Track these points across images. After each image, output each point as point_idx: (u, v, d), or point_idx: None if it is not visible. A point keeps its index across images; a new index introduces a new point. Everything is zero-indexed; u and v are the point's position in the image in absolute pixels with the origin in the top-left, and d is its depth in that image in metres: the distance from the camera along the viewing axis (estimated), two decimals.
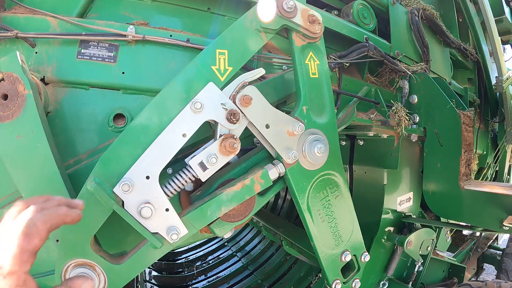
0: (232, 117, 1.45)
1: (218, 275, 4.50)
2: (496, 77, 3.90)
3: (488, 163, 4.25)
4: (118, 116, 1.72)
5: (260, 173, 1.57)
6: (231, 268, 4.56)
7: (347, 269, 2.05)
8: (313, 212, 1.78)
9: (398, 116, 2.48)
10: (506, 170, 4.64)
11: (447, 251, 4.11)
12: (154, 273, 4.44)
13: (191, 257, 5.02)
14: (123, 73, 1.74)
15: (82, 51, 1.72)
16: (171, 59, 1.80)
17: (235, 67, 1.54)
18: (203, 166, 1.45)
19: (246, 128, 1.56)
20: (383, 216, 2.77)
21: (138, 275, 3.90)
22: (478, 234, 4.88)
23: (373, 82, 2.67)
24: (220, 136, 1.46)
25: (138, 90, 1.75)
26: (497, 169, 4.56)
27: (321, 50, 1.82)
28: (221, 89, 1.49)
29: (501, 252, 4.91)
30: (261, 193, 1.67)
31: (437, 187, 2.78)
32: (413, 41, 3.00)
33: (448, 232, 3.76)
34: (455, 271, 3.87)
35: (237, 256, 4.81)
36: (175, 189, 1.49)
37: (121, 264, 1.43)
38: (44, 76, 1.65)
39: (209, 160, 1.44)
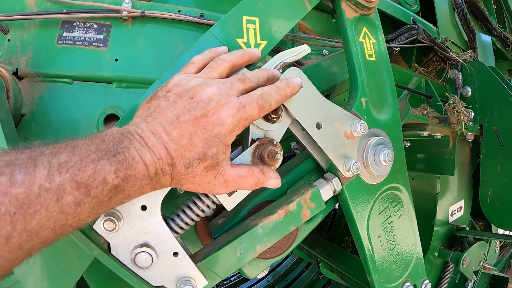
0: (271, 112, 0.93)
1: None
2: None
3: None
4: (111, 118, 1.21)
5: (310, 193, 1.05)
6: (255, 286, 3.91)
7: None
8: (373, 239, 1.26)
9: (456, 111, 1.94)
10: None
11: None
12: None
13: None
14: (116, 60, 1.22)
15: (64, 34, 1.22)
16: (179, 41, 1.28)
17: (270, 42, 1.06)
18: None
19: None
20: (435, 229, 2.22)
21: None
22: None
23: (421, 73, 2.14)
24: (253, 141, 0.94)
25: (136, 82, 1.24)
26: None
27: (377, 25, 1.32)
28: None
29: None
30: None
31: (496, 194, 2.23)
32: (458, 26, 2.46)
33: (497, 242, 3.20)
34: (497, 282, 3.31)
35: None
36: (187, 223, 0.97)
37: None
38: (17, 69, 1.18)
39: None
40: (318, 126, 1.03)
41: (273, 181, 0.90)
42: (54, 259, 0.96)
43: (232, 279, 4.14)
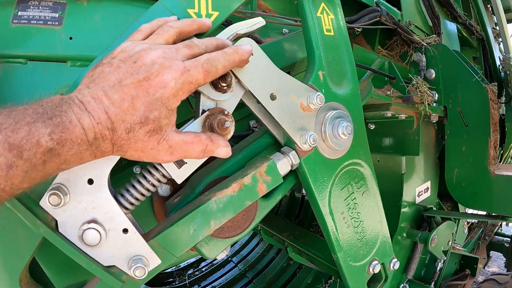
0: (220, 81, 0.88)
1: (213, 284, 3.86)
2: (503, 55, 3.39)
3: None
4: None
5: (265, 166, 1.01)
6: (227, 276, 3.90)
7: (373, 280, 1.52)
8: (336, 216, 1.23)
9: (420, 91, 1.93)
10: (510, 153, 4.13)
11: None
12: (142, 285, 3.75)
13: (182, 265, 4.32)
14: (70, 38, 1.15)
15: (19, 13, 1.15)
16: (135, 19, 1.20)
17: (222, 13, 1.00)
18: (178, 161, 0.88)
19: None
20: (402, 210, 2.22)
21: None
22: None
23: (385, 55, 2.12)
24: (204, 112, 0.89)
25: (90, 60, 1.14)
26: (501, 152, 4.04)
27: (335, 2, 1.29)
28: None
29: (509, 239, 4.40)
30: (265, 195, 1.11)
31: (462, 174, 2.25)
32: (422, 11, 2.46)
33: (465, 223, 3.23)
34: (466, 263, 3.35)
35: (233, 262, 4.14)
36: (136, 199, 0.92)
37: None
38: None
39: None
40: (272, 97, 0.98)
41: (223, 149, 0.85)
42: (1, 239, 0.89)
43: (204, 269, 4.12)
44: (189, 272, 4.16)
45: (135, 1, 1.21)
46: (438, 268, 2.53)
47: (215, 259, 4.27)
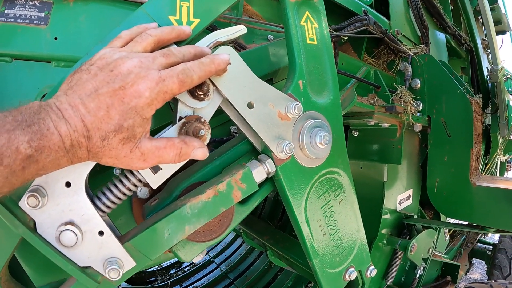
0: (197, 89, 0.89)
1: (194, 284, 3.88)
2: (491, 66, 3.45)
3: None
4: None
5: (241, 174, 1.02)
6: (209, 276, 3.93)
7: (349, 286, 1.54)
8: (312, 224, 1.25)
9: (403, 101, 1.96)
10: (494, 163, 4.19)
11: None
12: (124, 284, 3.77)
13: (164, 264, 4.35)
14: (55, 38, 1.16)
15: (6, 11, 1.15)
16: (120, 21, 1.21)
17: (204, 21, 1.02)
18: (153, 166, 0.89)
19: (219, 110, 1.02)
20: (383, 217, 2.26)
21: None
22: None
23: (371, 63, 2.15)
24: (181, 119, 0.91)
25: (74, 61, 1.14)
26: (486, 161, 4.10)
27: (320, 10, 1.30)
28: None
29: (491, 247, 4.48)
30: (242, 201, 1.13)
31: (443, 184, 2.29)
32: (411, 21, 2.50)
33: (447, 231, 3.28)
34: (448, 269, 3.41)
35: (215, 263, 4.18)
36: (112, 202, 0.94)
37: None
38: None
39: None
40: (250, 106, 1.00)
41: (199, 151, 0.87)
42: None
43: (186, 269, 4.14)
44: (171, 271, 4.18)
45: (121, 3, 1.22)
46: (417, 275, 2.58)
47: None
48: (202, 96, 0.91)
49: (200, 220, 0.98)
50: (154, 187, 0.91)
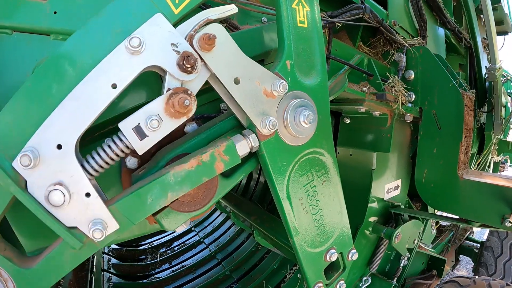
0: (185, 62, 0.94)
1: (183, 263, 3.96)
2: (490, 65, 3.46)
3: (473, 153, 3.82)
4: None
5: (224, 146, 1.07)
6: (197, 256, 4.02)
7: (330, 269, 1.60)
8: (293, 202, 1.29)
9: (395, 90, 2.00)
10: (487, 162, 4.23)
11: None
12: (114, 260, 3.85)
13: (155, 243, 4.46)
14: (55, 12, 1.20)
15: None
16: None
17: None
18: (140, 133, 0.94)
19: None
20: (369, 204, 2.31)
21: (94, 263, 3.38)
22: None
23: (366, 52, 2.18)
24: (169, 90, 0.94)
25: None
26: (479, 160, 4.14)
27: None
28: (174, 26, 0.98)
29: (478, 245, 4.54)
30: (226, 174, 1.18)
31: (431, 176, 2.33)
32: (410, 13, 2.52)
33: (434, 224, 3.33)
34: (434, 263, 3.49)
35: (205, 243, 4.27)
36: (100, 166, 0.99)
37: (31, 269, 0.96)
38: None
39: (149, 124, 0.94)
40: (236, 81, 1.04)
41: None
42: None
43: (176, 248, 4.22)
44: (161, 250, 4.26)
45: None
46: (401, 265, 2.63)
47: (187, 240, 4.36)
48: (189, 69, 0.95)
49: (183, 188, 1.02)
50: (140, 152, 0.96)
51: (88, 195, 0.92)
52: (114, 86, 0.93)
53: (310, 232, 1.40)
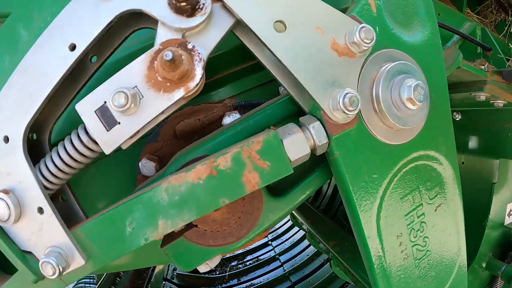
0: None
1: (253, 281, 3.58)
2: None
3: None
4: None
5: (261, 142, 0.59)
6: (269, 275, 3.60)
7: None
8: (386, 241, 0.79)
9: None
10: None
11: None
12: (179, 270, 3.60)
13: (227, 254, 4.08)
14: None
15: None
16: None
17: None
18: (107, 118, 0.51)
19: None
20: (486, 230, 1.72)
21: (155, 270, 3.20)
22: None
23: (475, 21, 1.60)
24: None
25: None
26: None
27: None
28: None
29: None
30: (278, 190, 0.71)
31: None
32: None
33: None
34: None
35: (280, 261, 3.81)
36: (61, 171, 0.67)
37: None
38: None
39: (120, 102, 0.50)
40: (279, 28, 0.57)
41: None
42: None
43: (248, 263, 3.88)
44: (233, 264, 3.96)
45: None
46: None
47: (261, 255, 4.01)
48: (187, 7, 0.51)
49: (184, 214, 0.59)
50: (107, 151, 0.57)
51: (40, 210, 0.63)
52: (72, 47, 0.55)
53: (409, 285, 0.88)
